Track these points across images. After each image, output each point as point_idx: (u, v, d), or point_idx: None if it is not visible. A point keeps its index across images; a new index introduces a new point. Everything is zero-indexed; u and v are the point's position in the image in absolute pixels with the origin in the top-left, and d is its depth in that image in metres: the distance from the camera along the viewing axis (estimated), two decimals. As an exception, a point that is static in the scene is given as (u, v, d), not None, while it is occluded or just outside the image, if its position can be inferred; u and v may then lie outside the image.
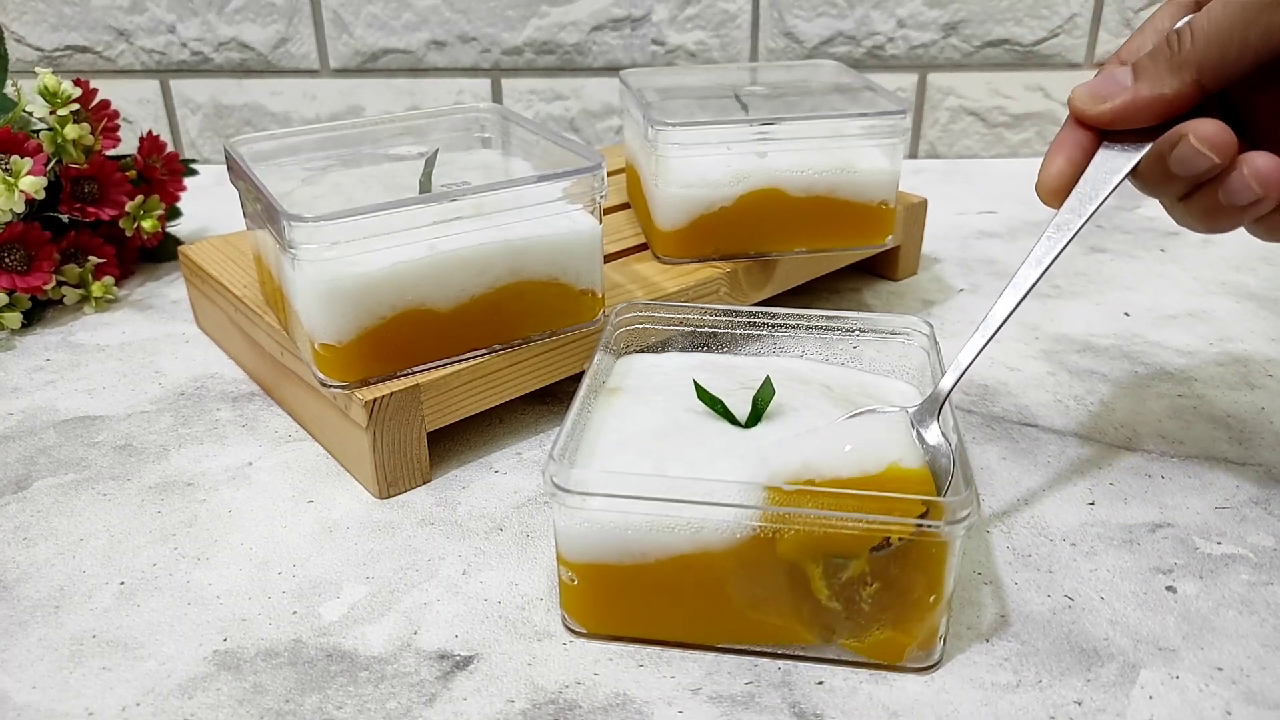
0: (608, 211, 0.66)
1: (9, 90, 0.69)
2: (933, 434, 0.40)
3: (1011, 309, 0.41)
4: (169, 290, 0.70)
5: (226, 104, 0.97)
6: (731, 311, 0.47)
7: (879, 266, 0.70)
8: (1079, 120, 0.41)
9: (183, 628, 0.40)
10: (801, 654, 0.38)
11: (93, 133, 0.67)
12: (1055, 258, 0.40)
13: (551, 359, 0.52)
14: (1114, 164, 0.41)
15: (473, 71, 0.95)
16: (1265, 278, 0.69)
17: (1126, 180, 0.41)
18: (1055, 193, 0.41)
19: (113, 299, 0.68)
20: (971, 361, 0.41)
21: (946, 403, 0.40)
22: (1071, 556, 0.43)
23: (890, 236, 0.61)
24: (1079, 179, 0.41)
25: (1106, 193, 0.40)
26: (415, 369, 0.48)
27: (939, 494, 0.37)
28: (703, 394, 0.41)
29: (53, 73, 0.65)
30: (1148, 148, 0.40)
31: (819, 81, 0.68)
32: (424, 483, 0.49)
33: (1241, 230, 0.41)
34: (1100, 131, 0.41)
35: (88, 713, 0.36)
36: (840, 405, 0.42)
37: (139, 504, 0.48)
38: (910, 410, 0.40)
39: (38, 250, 0.64)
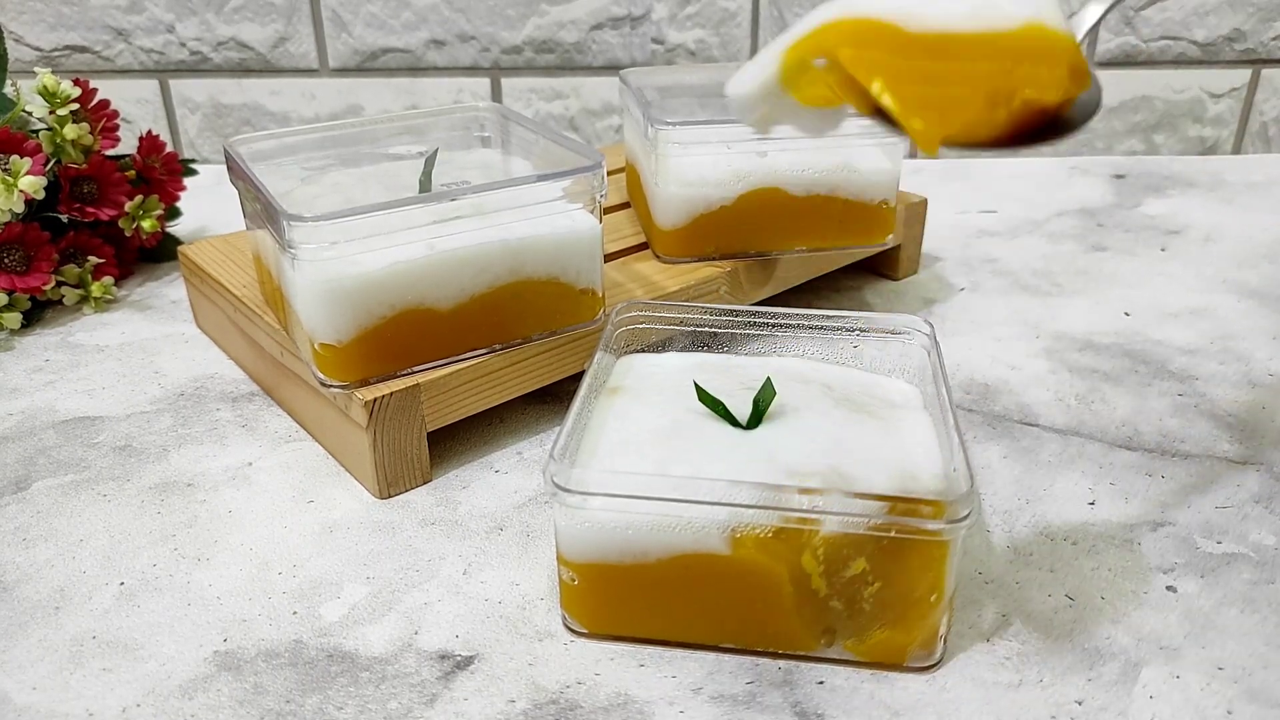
0: (608, 211, 0.66)
1: (8, 90, 0.69)
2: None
3: None
4: (168, 290, 0.70)
5: (225, 104, 0.97)
6: (731, 311, 0.47)
7: (879, 265, 0.70)
8: None
9: (183, 628, 0.40)
10: (803, 653, 0.38)
11: (92, 132, 0.67)
12: None
13: (551, 359, 0.52)
14: None
15: (472, 70, 0.95)
16: (1266, 275, 0.69)
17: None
18: None
19: (112, 299, 0.68)
20: None
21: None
22: (1073, 555, 0.43)
23: (890, 235, 0.61)
24: None
25: None
26: (415, 369, 0.48)
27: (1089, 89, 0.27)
28: (704, 396, 0.41)
29: (51, 72, 0.65)
30: None
31: (819, 80, 0.68)
32: (424, 483, 0.49)
33: (1241, 228, 0.40)
34: None
35: (88, 714, 0.36)
36: (841, 405, 0.42)
37: (139, 505, 0.47)
38: None
39: (37, 250, 0.64)
